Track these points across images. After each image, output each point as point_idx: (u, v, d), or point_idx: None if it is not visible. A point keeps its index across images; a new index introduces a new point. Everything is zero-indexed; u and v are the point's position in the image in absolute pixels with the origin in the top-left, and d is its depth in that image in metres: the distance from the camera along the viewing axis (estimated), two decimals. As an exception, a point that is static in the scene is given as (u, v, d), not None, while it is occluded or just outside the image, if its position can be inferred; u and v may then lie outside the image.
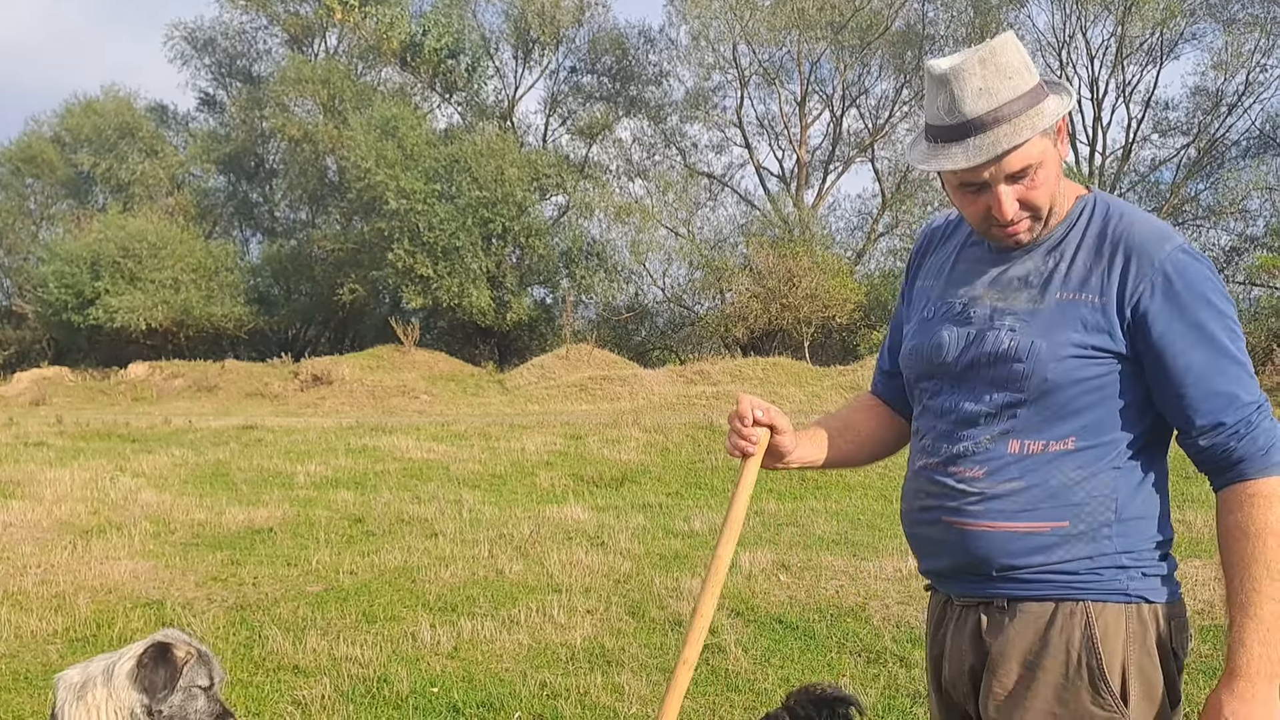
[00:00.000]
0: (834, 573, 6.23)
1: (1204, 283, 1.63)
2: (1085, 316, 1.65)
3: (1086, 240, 1.70)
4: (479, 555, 6.86)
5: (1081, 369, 1.64)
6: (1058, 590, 1.67)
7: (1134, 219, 1.69)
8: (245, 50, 36.07)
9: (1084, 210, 1.73)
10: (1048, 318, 1.67)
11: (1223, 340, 1.62)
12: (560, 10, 31.48)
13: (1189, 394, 1.62)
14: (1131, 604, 1.67)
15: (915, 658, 4.55)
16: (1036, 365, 1.65)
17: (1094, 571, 1.66)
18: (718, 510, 8.80)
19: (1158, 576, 1.69)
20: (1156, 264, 1.62)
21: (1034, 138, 1.63)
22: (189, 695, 2.28)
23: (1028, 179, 1.66)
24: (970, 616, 1.76)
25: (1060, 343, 1.64)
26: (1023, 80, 1.64)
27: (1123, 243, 1.66)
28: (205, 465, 11.83)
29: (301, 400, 23.46)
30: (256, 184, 36.69)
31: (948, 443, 1.76)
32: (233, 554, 7.16)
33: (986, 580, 1.72)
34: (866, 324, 27.96)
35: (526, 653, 4.79)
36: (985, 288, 1.77)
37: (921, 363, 1.83)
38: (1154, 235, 1.65)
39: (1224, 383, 1.61)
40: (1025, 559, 1.67)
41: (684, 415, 16.88)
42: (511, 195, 27.99)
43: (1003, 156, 1.63)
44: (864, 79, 32.80)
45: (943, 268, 1.88)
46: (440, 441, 13.35)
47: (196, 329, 30.93)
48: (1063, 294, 1.67)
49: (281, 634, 5.02)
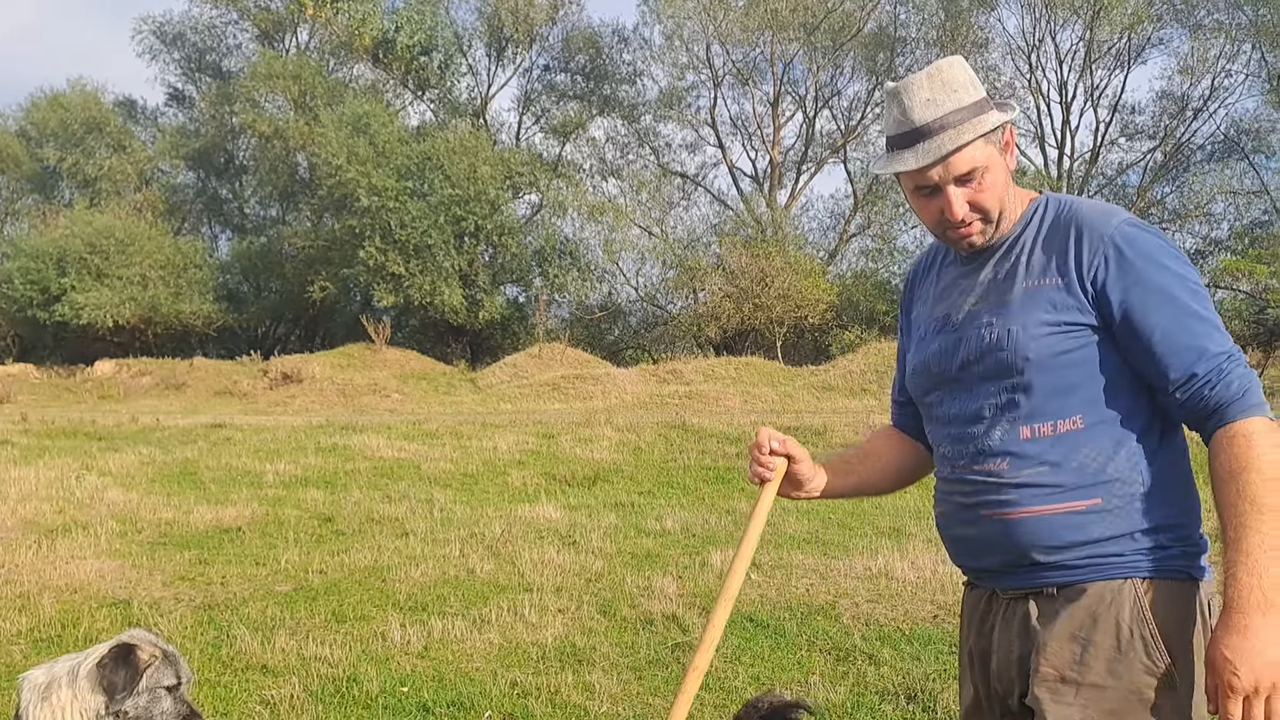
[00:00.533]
0: (804, 571, 6.25)
1: (1155, 249, 1.72)
2: (1052, 298, 1.74)
3: (1041, 233, 1.81)
4: (450, 554, 6.84)
5: (1059, 343, 1.72)
6: (1105, 572, 1.72)
7: (1081, 204, 1.81)
8: (215, 45, 35.80)
9: (1036, 209, 1.85)
10: (1018, 306, 1.77)
11: (1183, 299, 1.70)
12: (534, 8, 31.44)
13: (1158, 352, 1.69)
14: (1178, 580, 1.72)
15: (884, 655, 4.59)
16: (1016, 347, 1.74)
17: (1137, 552, 1.71)
18: (689, 509, 8.82)
19: (1197, 552, 1.74)
20: (1105, 238, 1.72)
21: (978, 143, 1.76)
22: (154, 696, 2.26)
23: (974, 182, 1.78)
24: (1019, 607, 1.81)
25: (1033, 322, 1.74)
26: (967, 94, 1.78)
27: (1072, 225, 1.77)
28: (173, 464, 11.72)
29: (271, 398, 23.28)
30: (226, 180, 36.39)
31: (966, 444, 1.84)
32: (201, 553, 7.10)
33: (1034, 569, 1.77)
34: (839, 324, 28.12)
35: (497, 652, 4.78)
36: (961, 296, 1.89)
37: (924, 378, 1.94)
38: (1099, 213, 1.77)
39: (1190, 338, 1.68)
40: (1068, 539, 1.72)
41: (657, 414, 16.89)
42: (484, 193, 27.91)
43: (947, 157, 1.75)
44: (836, 80, 33.03)
45: (927, 292, 2.02)
46: (411, 440, 13.29)
47: (164, 326, 30.63)
48: (1027, 283, 1.77)
49: (250, 634, 4.98)
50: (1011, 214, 1.84)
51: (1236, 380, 1.66)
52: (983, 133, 1.76)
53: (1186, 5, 27.88)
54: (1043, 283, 1.76)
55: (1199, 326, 1.69)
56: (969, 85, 1.79)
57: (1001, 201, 1.81)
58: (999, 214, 1.81)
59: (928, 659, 4.55)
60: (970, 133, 1.75)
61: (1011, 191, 1.84)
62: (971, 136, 1.75)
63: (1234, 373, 1.67)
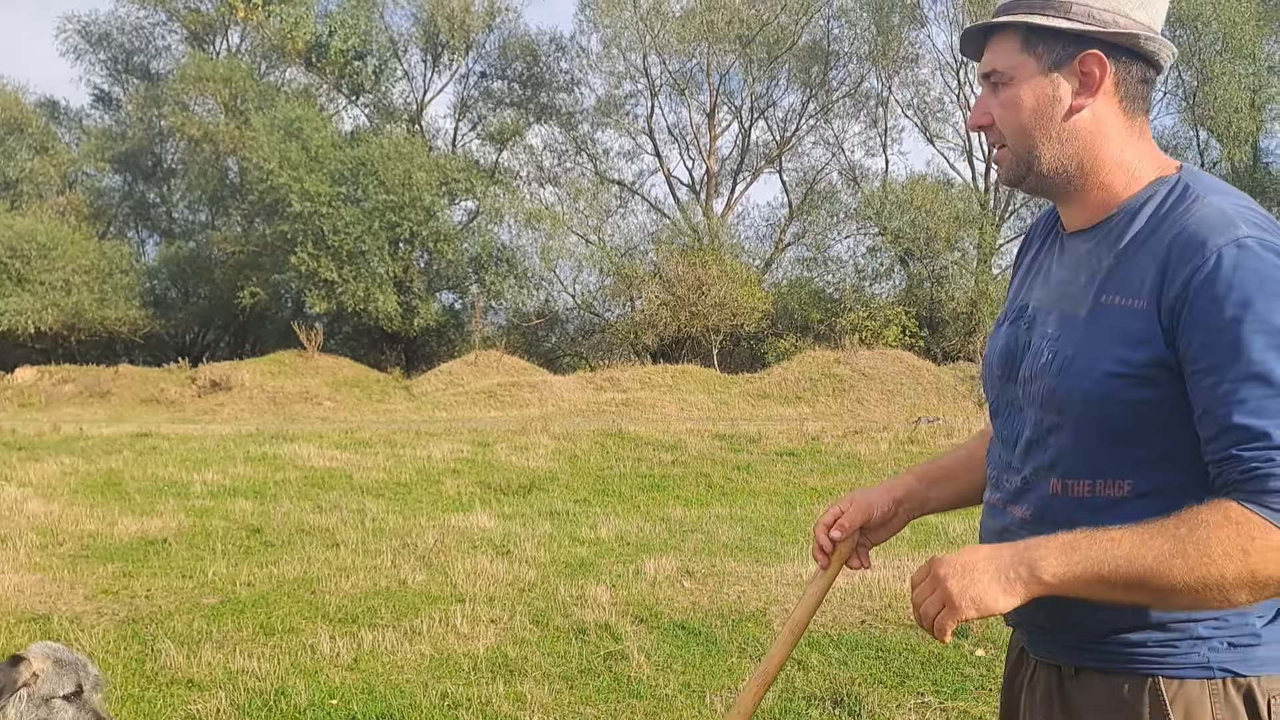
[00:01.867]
0: (737, 578, 6.32)
1: (1252, 286, 1.27)
2: (1129, 326, 1.37)
3: (1151, 228, 1.40)
4: (381, 565, 6.79)
5: (1125, 390, 1.36)
6: (1126, 663, 1.42)
7: (1204, 201, 1.37)
8: (143, 46, 34.99)
9: (1159, 192, 1.43)
10: (1087, 325, 1.42)
11: (1257, 357, 1.26)
12: (470, 15, 31.29)
13: (1200, 419, 1.32)
14: (1215, 680, 1.37)
15: (812, 661, 4.67)
16: (1067, 382, 1.40)
17: (1165, 643, 1.39)
18: (625, 517, 8.85)
19: (1253, 645, 1.38)
20: (1205, 255, 1.31)
21: (1010, 46, 1.46)
22: (49, 708, 2.23)
23: (1000, 93, 1.48)
24: (1042, 675, 1.54)
25: (1100, 356, 1.38)
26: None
27: (1177, 230, 1.36)
28: (96, 474, 11.44)
29: (199, 406, 22.82)
30: (154, 184, 35.56)
31: (1003, 473, 1.56)
32: (125, 566, 6.95)
33: (1052, 639, 1.50)
34: (774, 332, 28.41)
35: (428, 663, 4.76)
36: (1042, 285, 1.56)
37: (988, 377, 1.64)
38: (1215, 219, 1.33)
39: (1244, 414, 1.27)
40: (1090, 616, 1.41)
41: (593, 422, 16.92)
42: (419, 199, 27.70)
43: (980, 27, 1.51)
44: (771, 91, 33.37)
45: (1032, 260, 1.65)
46: (343, 449, 13.14)
47: (89, 332, 29.83)
48: (1108, 296, 1.40)
49: (175, 647, 4.90)
50: (1104, 176, 1.46)
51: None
52: (1019, 18, 1.44)
53: (1108, 24, 28.69)
54: (1125, 301, 1.38)
55: (1267, 401, 1.26)
56: None
57: (1027, 135, 1.46)
58: (1027, 152, 1.47)
59: (854, 664, 4.64)
60: (1007, 14, 1.45)
61: (1092, 141, 1.45)
62: (1004, 18, 1.45)
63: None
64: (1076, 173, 1.47)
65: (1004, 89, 1.47)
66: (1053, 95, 1.45)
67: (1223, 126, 25.79)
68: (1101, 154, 1.45)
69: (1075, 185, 1.48)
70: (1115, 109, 1.46)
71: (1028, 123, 1.46)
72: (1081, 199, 1.49)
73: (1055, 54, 1.44)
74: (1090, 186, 1.47)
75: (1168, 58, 1.48)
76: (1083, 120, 1.45)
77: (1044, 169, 1.48)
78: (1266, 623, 1.39)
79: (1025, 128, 1.46)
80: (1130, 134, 1.47)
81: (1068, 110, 1.45)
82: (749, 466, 11.79)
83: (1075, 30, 1.42)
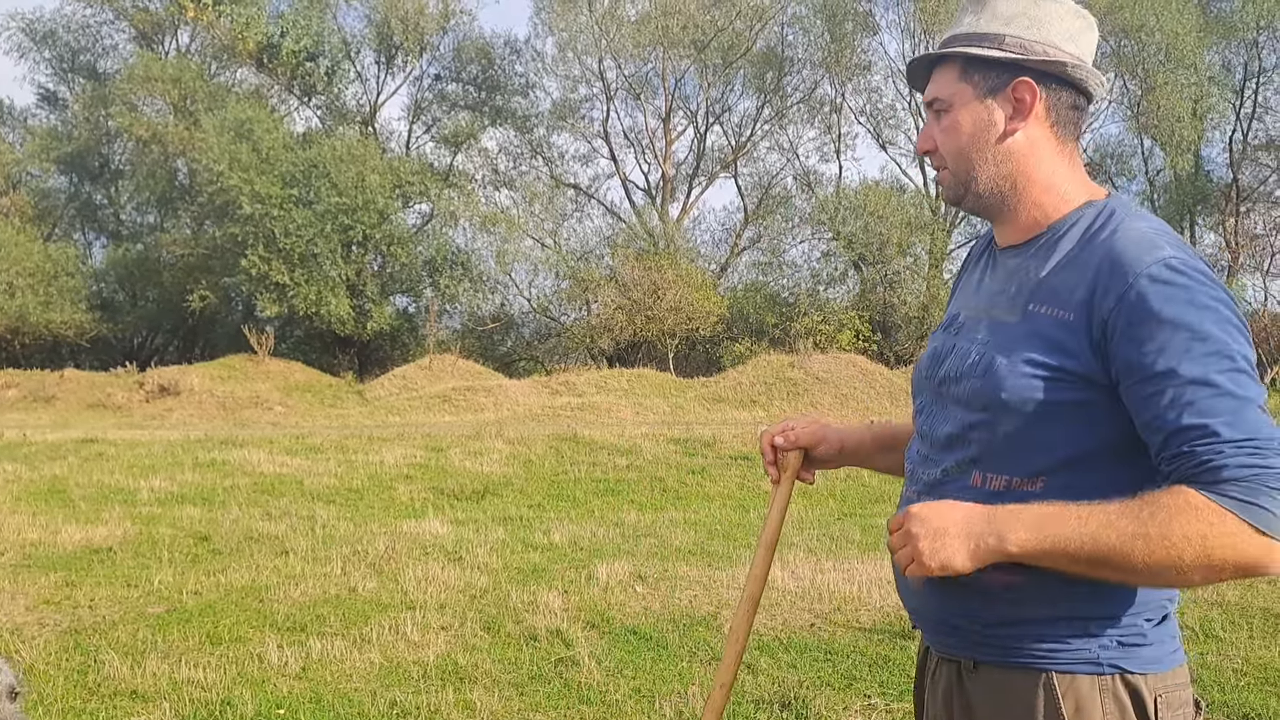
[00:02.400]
0: (689, 583, 6.35)
1: (1181, 302, 1.37)
2: (1054, 334, 1.45)
3: (1076, 247, 1.49)
4: (331, 573, 6.73)
5: (1043, 391, 1.44)
6: (1021, 657, 1.48)
7: (1129, 226, 1.47)
8: (90, 45, 34.45)
9: (1087, 215, 1.52)
10: (1013, 330, 1.50)
11: (1195, 367, 1.35)
12: (424, 17, 31.15)
13: (1145, 428, 1.40)
14: (1105, 675, 1.45)
15: (762, 664, 4.70)
16: (992, 382, 1.48)
17: (1060, 638, 1.46)
18: (578, 522, 8.86)
19: (1140, 644, 1.46)
20: (1133, 276, 1.39)
21: (950, 75, 1.56)
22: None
23: (941, 120, 1.58)
24: (944, 672, 1.60)
25: (1020, 359, 1.46)
26: (987, 19, 1.55)
27: (1106, 249, 1.45)
28: (40, 481, 11.21)
29: (147, 412, 22.45)
30: (101, 185, 34.98)
31: (923, 468, 1.62)
32: (68, 575, 6.82)
33: (953, 634, 1.56)
34: (729, 336, 28.56)
35: (377, 671, 4.73)
36: (974, 295, 1.65)
37: (915, 379, 1.71)
38: (1140, 242, 1.43)
39: (1193, 414, 1.35)
40: (991, 612, 1.49)
41: (548, 426, 16.89)
42: (373, 202, 27.51)
43: (923, 60, 1.60)
44: (727, 96, 33.62)
45: (969, 277, 1.75)
46: (294, 455, 12.99)
47: (33, 336, 29.26)
48: (1036, 305, 1.49)
49: (119, 658, 4.82)
50: (1035, 196, 1.55)
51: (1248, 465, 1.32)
52: (956, 50, 1.54)
53: (1056, 33, 29.21)
54: (1052, 311, 1.46)
55: (1212, 401, 1.34)
56: (1004, 15, 1.54)
57: (965, 158, 1.55)
58: (965, 174, 1.56)
59: (803, 667, 4.68)
60: (951, 46, 1.55)
61: (1024, 163, 1.54)
62: (950, 48, 1.55)
63: (1245, 458, 1.32)
64: (1010, 192, 1.56)
65: (945, 115, 1.57)
66: (988, 120, 1.54)
67: (1166, 135, 26.34)
68: (1034, 175, 1.55)
69: (1009, 204, 1.57)
70: (1047, 133, 1.55)
71: (965, 146, 1.56)
72: (1014, 217, 1.58)
73: (990, 82, 1.54)
74: (1023, 205, 1.56)
75: (1097, 86, 1.57)
76: (1016, 143, 1.54)
77: (980, 189, 1.57)
78: (1155, 624, 1.48)
79: (963, 150, 1.56)
80: (1061, 157, 1.57)
81: (1002, 134, 1.54)
82: (703, 470, 11.85)
83: (1008, 59, 1.53)
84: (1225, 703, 4.14)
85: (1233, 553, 1.31)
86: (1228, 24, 27.19)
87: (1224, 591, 5.63)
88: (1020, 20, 1.53)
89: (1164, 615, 1.49)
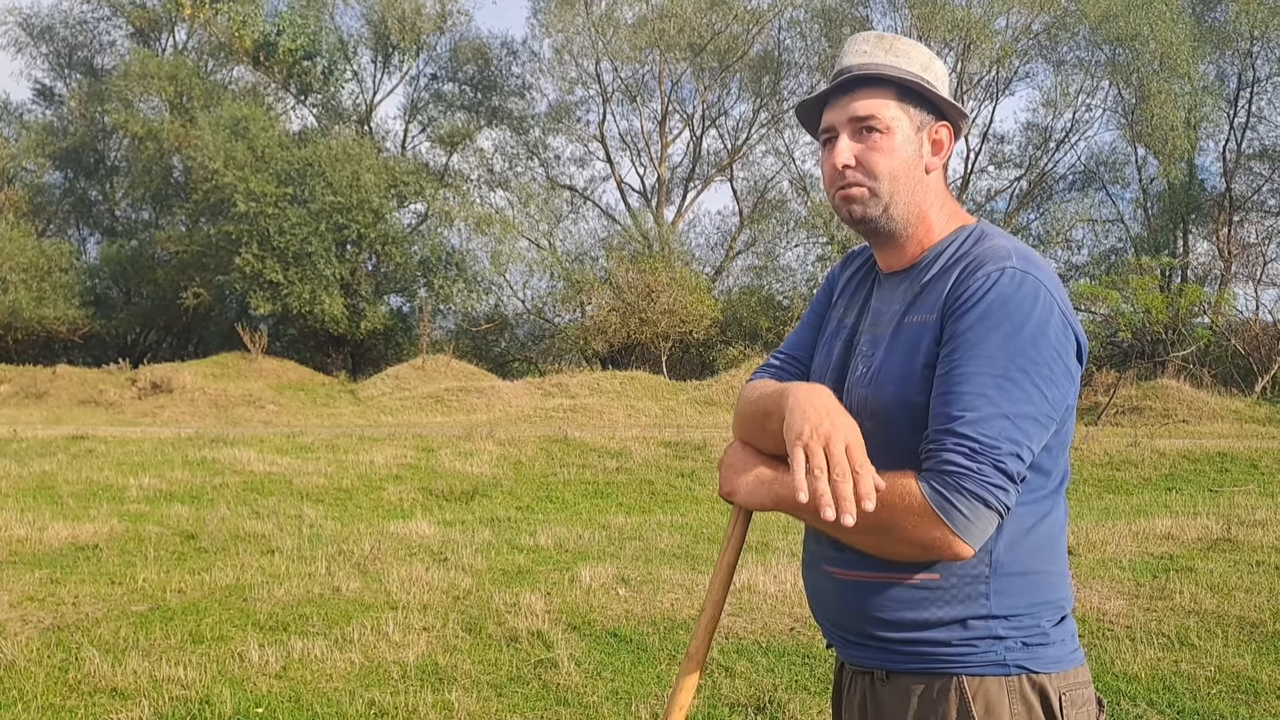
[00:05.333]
0: (672, 586, 6.38)
1: (996, 305, 1.48)
2: (923, 338, 1.55)
3: (948, 262, 1.60)
4: (316, 572, 6.75)
5: (916, 393, 1.53)
6: (931, 663, 1.53)
7: (990, 241, 1.59)
8: (87, 41, 34.36)
9: (960, 236, 1.64)
10: (893, 341, 1.59)
11: (989, 373, 1.45)
12: (421, 17, 31.15)
13: (931, 404, 1.51)
14: (1011, 676, 1.50)
15: (739, 667, 4.73)
16: (878, 390, 1.57)
17: (967, 642, 1.51)
18: (566, 524, 8.88)
19: (1042, 644, 1.52)
20: (978, 277, 1.52)
21: (891, 103, 1.62)
22: None
23: (871, 137, 1.62)
24: (858, 684, 1.64)
25: (899, 365, 1.56)
26: (906, 62, 1.64)
27: (969, 259, 1.57)
28: (29, 477, 11.23)
29: (139, 409, 22.44)
30: (96, 181, 34.93)
31: None
32: (53, 572, 6.84)
33: (862, 644, 1.60)
34: (723, 339, 28.58)
35: (357, 671, 4.75)
36: (864, 315, 1.73)
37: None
38: (994, 252, 1.55)
39: (959, 406, 1.46)
40: (896, 616, 1.54)
41: (540, 428, 16.91)
42: (368, 201, 27.49)
43: (848, 73, 1.64)
44: (723, 100, 33.65)
45: (850, 289, 1.82)
46: (284, 454, 13.01)
47: (26, 332, 29.19)
48: (910, 317, 1.59)
49: (100, 655, 4.84)
50: (930, 228, 1.66)
51: (964, 462, 1.43)
52: (898, 77, 1.62)
53: (1050, 42, 29.32)
54: (921, 318, 1.57)
55: (969, 399, 1.45)
56: (920, 61, 1.65)
57: (895, 180, 1.62)
58: (889, 195, 1.62)
59: (780, 670, 4.71)
60: (882, 69, 1.61)
61: (928, 195, 1.66)
62: (882, 70, 1.61)
63: (964, 458, 1.43)
64: (915, 222, 1.67)
65: (880, 136, 1.63)
66: (917, 152, 1.66)
67: (1160, 144, 26.41)
68: (929, 210, 1.67)
69: (907, 233, 1.67)
70: (941, 174, 1.71)
71: (899, 170, 1.63)
72: (903, 246, 1.69)
73: (922, 118, 1.66)
74: (915, 236, 1.67)
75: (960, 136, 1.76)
76: (931, 179, 1.68)
77: (895, 213, 1.65)
78: (1054, 624, 1.56)
79: (895, 174, 1.63)
80: (946, 195, 1.71)
81: (924, 168, 1.67)
82: (693, 474, 11.89)
83: (936, 101, 1.67)
84: (1197, 710, 4.17)
85: (916, 533, 1.44)
86: (1222, 34, 27.25)
87: (1201, 600, 5.68)
88: (930, 70, 1.66)
89: (1062, 616, 1.57)
